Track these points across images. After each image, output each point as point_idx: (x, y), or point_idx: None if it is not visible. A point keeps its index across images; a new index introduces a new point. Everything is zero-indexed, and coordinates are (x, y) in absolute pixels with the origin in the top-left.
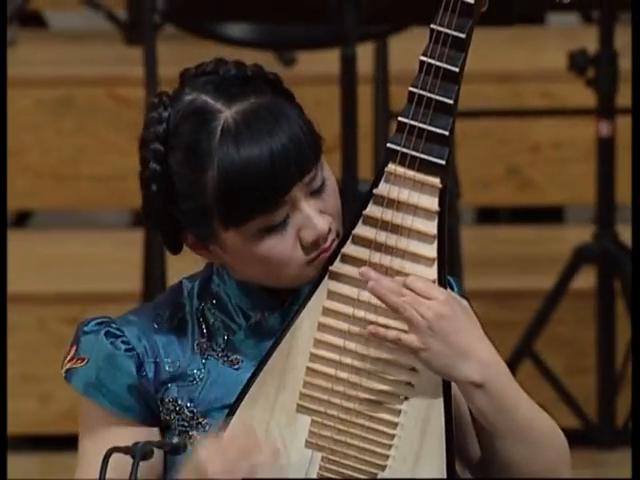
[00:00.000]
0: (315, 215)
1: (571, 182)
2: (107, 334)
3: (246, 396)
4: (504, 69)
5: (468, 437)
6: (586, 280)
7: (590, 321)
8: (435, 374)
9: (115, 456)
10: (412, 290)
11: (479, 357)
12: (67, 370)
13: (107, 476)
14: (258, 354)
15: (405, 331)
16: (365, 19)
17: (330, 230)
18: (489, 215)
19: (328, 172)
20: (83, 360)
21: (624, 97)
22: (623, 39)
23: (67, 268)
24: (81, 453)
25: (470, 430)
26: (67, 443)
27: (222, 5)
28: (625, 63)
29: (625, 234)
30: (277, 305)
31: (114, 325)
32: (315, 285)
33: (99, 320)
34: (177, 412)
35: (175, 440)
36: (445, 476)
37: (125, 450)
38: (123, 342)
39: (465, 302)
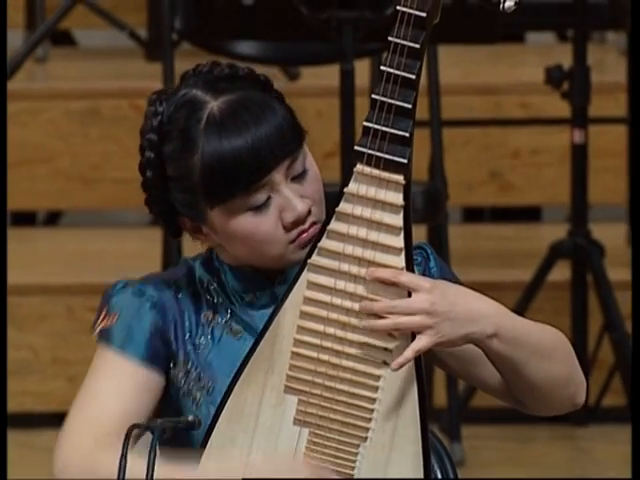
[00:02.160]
0: (294, 197)
1: (547, 185)
2: (133, 292)
3: (239, 379)
4: (487, 82)
5: (482, 368)
6: (561, 273)
7: (565, 310)
8: (407, 347)
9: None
10: (397, 284)
11: (484, 313)
12: (100, 331)
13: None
14: (256, 328)
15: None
16: (362, 38)
17: (310, 213)
18: (473, 214)
19: (311, 161)
20: (114, 317)
21: (596, 108)
22: (595, 56)
23: (93, 262)
24: (93, 388)
25: (482, 361)
26: None
27: (233, 25)
28: (596, 77)
29: (596, 232)
30: (267, 285)
31: (138, 284)
32: (296, 277)
33: (124, 282)
34: (185, 373)
35: (190, 418)
36: (421, 441)
37: (145, 427)
38: (147, 297)
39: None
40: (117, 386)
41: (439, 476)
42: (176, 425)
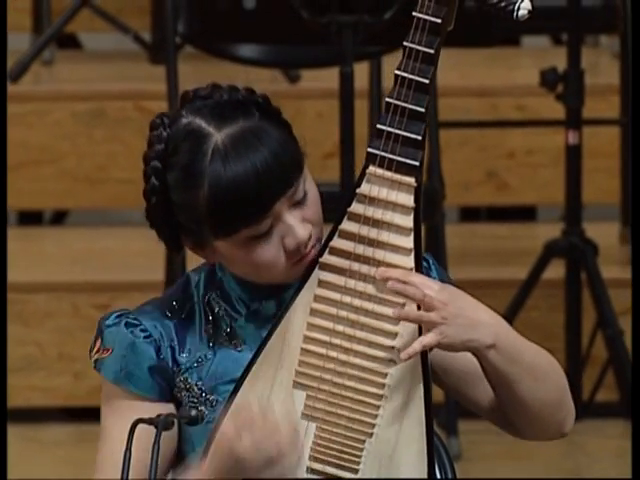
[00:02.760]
0: (297, 224)
1: (542, 184)
2: (127, 324)
3: (248, 375)
4: (483, 85)
5: (475, 388)
6: (556, 271)
7: (559, 308)
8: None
9: (138, 430)
10: (407, 284)
11: (485, 323)
12: (95, 360)
13: (133, 445)
14: (258, 337)
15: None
16: (361, 41)
17: (310, 237)
18: (470, 214)
19: (310, 183)
20: (108, 351)
21: (589, 110)
22: (589, 59)
23: (99, 260)
24: (105, 430)
25: (476, 380)
26: (98, 414)
27: (235, 28)
28: (590, 80)
29: (590, 231)
30: (273, 293)
31: (131, 316)
32: (307, 275)
33: (118, 313)
34: (187, 390)
35: (193, 413)
36: (425, 438)
37: (149, 421)
38: (141, 330)
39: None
40: (124, 426)
41: (437, 470)
42: (179, 420)
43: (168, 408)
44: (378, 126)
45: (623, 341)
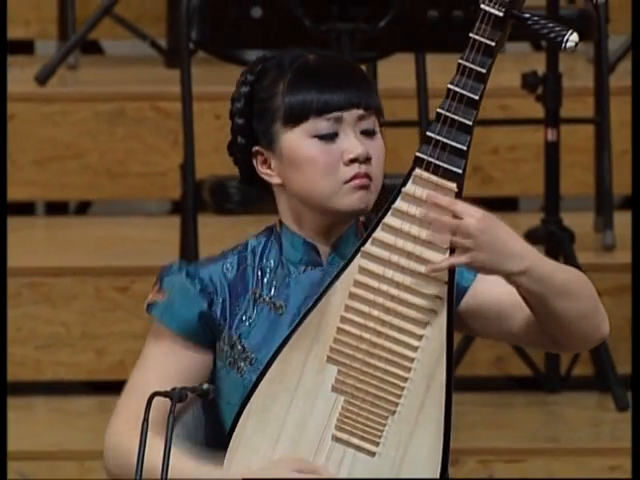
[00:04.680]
0: (358, 142)
1: (524, 178)
2: (187, 274)
3: (286, 345)
4: None
5: (510, 319)
6: None
7: None
8: (440, 336)
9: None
10: (452, 211)
11: (517, 252)
12: (148, 304)
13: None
14: (298, 302)
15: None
16: (358, 47)
17: (369, 162)
18: None
19: (380, 136)
20: (164, 294)
21: (566, 110)
22: (566, 63)
23: (119, 247)
24: (143, 360)
25: (509, 311)
26: (119, 388)
27: (243, 35)
28: (567, 82)
29: (567, 220)
30: (319, 262)
31: (192, 268)
32: (349, 261)
33: (179, 264)
34: (230, 346)
35: (205, 386)
36: (443, 421)
37: (164, 394)
38: (199, 281)
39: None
40: (162, 365)
41: None
42: (192, 393)
43: (207, 357)
44: (428, 133)
45: None
